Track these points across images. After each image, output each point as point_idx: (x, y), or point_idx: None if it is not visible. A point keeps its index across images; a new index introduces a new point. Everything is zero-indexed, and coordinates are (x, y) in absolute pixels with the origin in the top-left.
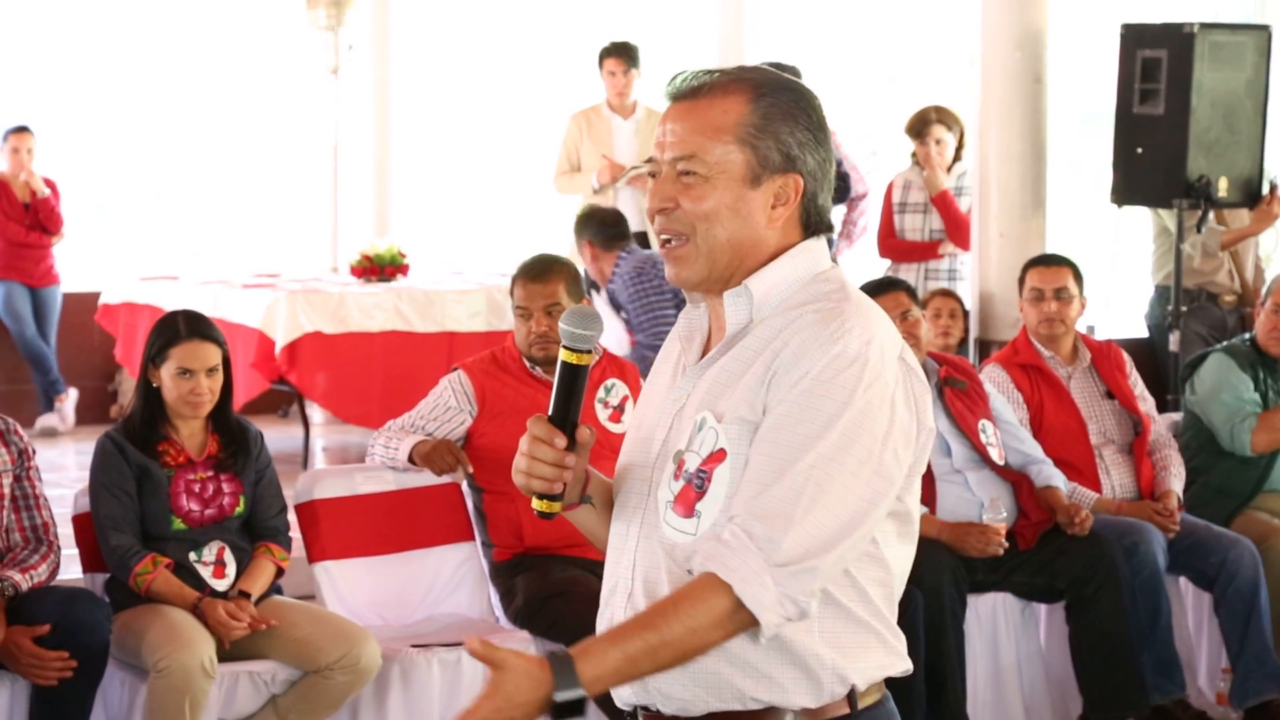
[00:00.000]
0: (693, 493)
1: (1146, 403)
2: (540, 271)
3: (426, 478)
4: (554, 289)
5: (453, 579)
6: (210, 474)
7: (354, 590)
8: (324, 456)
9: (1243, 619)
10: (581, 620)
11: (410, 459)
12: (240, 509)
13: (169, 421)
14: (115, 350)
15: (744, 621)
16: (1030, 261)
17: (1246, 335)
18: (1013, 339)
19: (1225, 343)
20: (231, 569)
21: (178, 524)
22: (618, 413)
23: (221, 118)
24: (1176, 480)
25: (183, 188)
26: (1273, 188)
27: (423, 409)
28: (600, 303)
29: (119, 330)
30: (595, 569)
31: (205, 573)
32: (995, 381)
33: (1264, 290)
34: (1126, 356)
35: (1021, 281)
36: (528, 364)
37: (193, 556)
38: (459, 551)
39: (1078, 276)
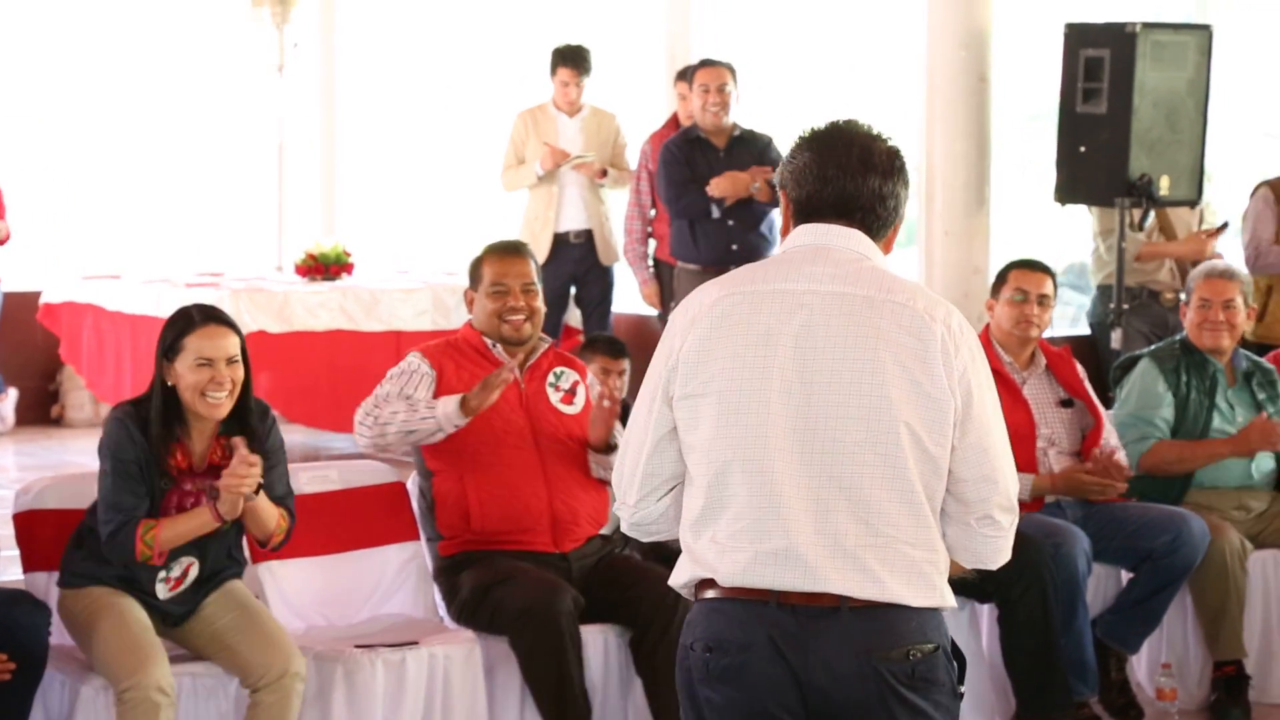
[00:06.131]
0: None
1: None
2: (515, 248)
3: (368, 476)
4: (528, 267)
5: (397, 579)
6: (209, 483)
7: (298, 590)
8: None
9: (1157, 584)
10: (523, 606)
11: (461, 412)
12: (227, 525)
13: (185, 423)
14: (60, 350)
15: None
16: (1015, 263)
17: (1178, 336)
18: None
19: (1154, 346)
20: (189, 580)
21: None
22: (569, 395)
23: (166, 115)
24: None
25: (126, 186)
26: (1222, 227)
27: (389, 388)
28: None
29: (62, 330)
30: (540, 561)
31: (161, 589)
32: None
33: (1185, 289)
34: (1078, 365)
35: (1001, 280)
36: (488, 342)
37: (162, 574)
38: (403, 551)
39: (1055, 284)
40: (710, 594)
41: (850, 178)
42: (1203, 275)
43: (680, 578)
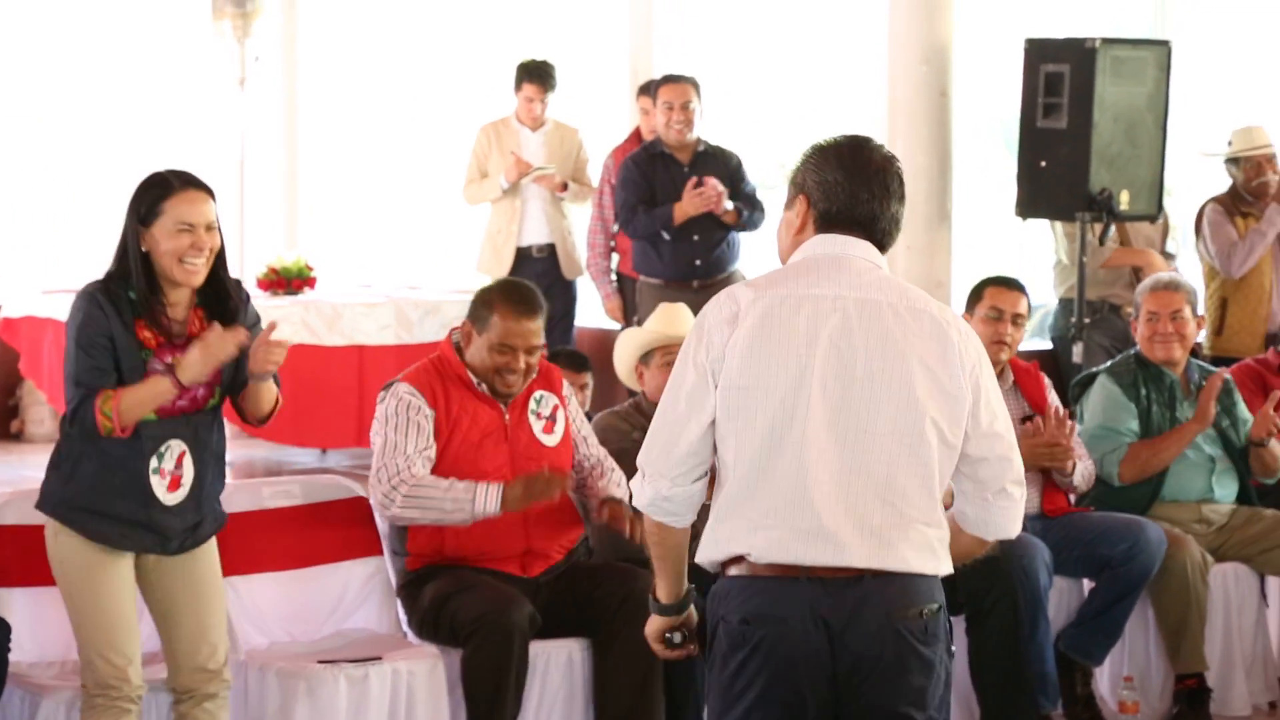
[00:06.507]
0: None
1: None
2: (531, 305)
3: (331, 491)
4: (539, 325)
5: (360, 594)
6: (177, 355)
7: (260, 606)
8: (230, 470)
9: (1117, 593)
10: (478, 614)
11: (500, 511)
12: (214, 400)
13: (161, 292)
14: (20, 364)
15: None
16: (990, 280)
17: (1131, 351)
18: None
19: (1109, 363)
20: (188, 477)
21: (148, 414)
22: (550, 424)
23: (126, 129)
24: (1079, 475)
25: (87, 200)
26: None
27: (399, 442)
28: None
29: (22, 344)
30: (506, 580)
31: (159, 486)
32: None
33: (1133, 304)
34: (1046, 379)
35: (976, 297)
36: (474, 380)
37: (154, 464)
38: (367, 566)
39: (1029, 304)
40: (740, 570)
41: (879, 202)
42: (1148, 289)
43: (709, 554)
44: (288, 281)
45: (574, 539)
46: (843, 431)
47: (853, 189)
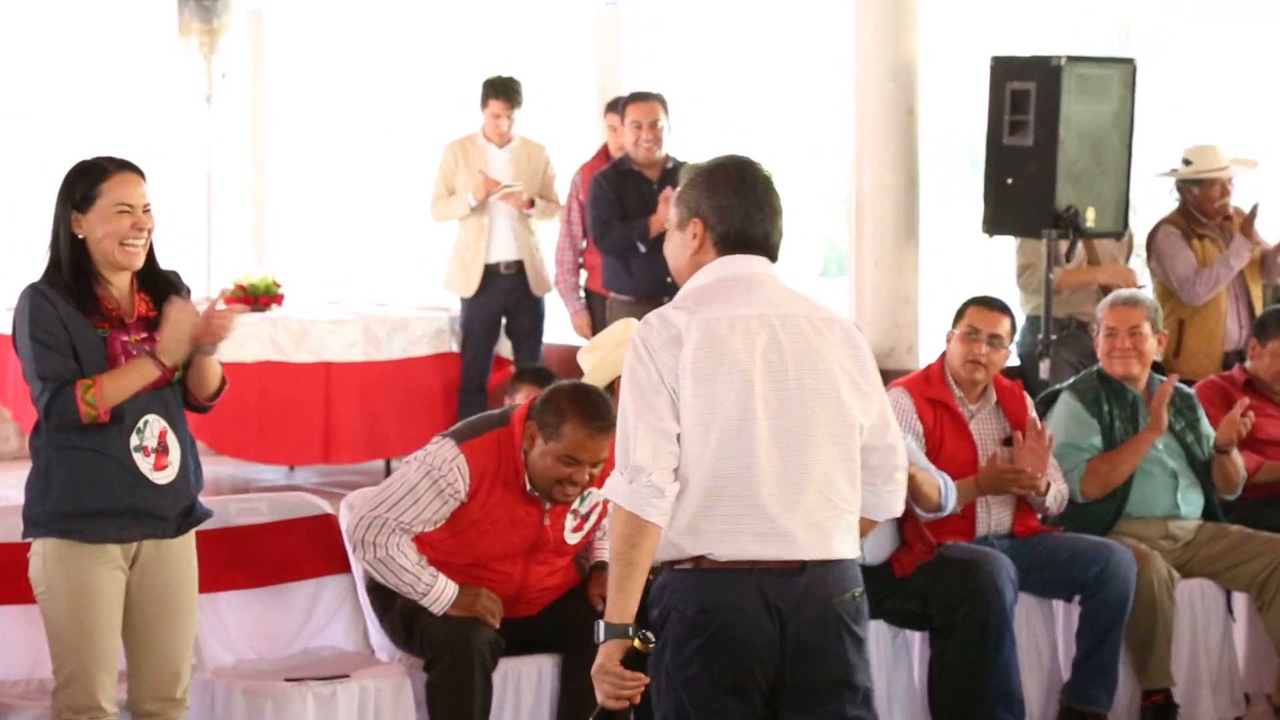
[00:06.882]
0: None
1: None
2: (607, 422)
3: (299, 509)
4: (609, 442)
5: (328, 611)
6: (144, 335)
7: (228, 624)
8: None
9: (1103, 626)
10: (442, 638)
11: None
12: (178, 373)
13: (99, 277)
14: None
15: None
16: (973, 300)
17: (1094, 368)
18: (926, 368)
19: (1072, 380)
20: (175, 456)
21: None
22: (581, 522)
23: (91, 146)
24: (1051, 497)
25: (50, 218)
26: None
27: (419, 504)
28: None
29: None
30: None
31: (145, 464)
32: (899, 406)
33: (1094, 319)
34: (1029, 398)
35: (959, 315)
36: (528, 485)
37: (134, 441)
38: (336, 584)
39: (1013, 325)
40: (691, 565)
41: (770, 220)
42: (1108, 304)
43: (663, 555)
44: (255, 298)
45: (565, 592)
46: (784, 438)
47: (746, 211)
